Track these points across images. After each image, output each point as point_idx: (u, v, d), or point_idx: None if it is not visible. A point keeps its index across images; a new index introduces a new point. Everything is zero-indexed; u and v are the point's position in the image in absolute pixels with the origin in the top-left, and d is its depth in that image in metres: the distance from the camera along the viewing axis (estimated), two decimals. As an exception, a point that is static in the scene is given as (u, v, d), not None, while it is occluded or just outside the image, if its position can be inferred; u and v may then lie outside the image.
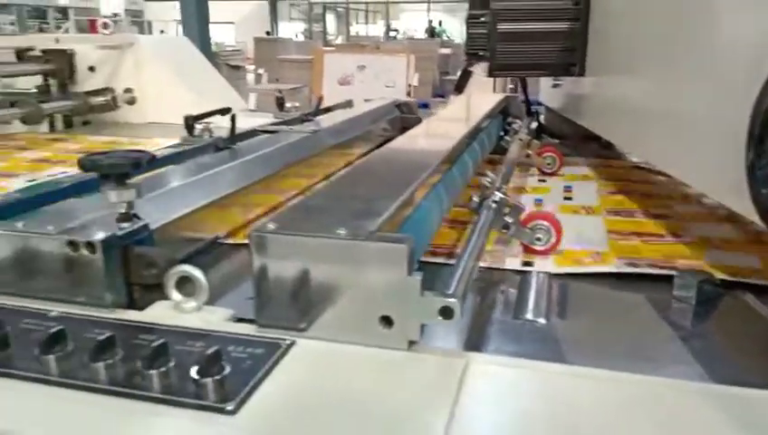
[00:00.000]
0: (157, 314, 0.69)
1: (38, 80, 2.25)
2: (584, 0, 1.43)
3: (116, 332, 0.62)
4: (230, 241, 1.01)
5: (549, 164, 1.52)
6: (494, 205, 0.92)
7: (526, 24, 1.47)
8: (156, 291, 0.74)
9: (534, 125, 1.95)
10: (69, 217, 0.75)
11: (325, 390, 0.56)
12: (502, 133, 1.73)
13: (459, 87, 6.39)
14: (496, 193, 0.94)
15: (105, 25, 2.32)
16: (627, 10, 1.24)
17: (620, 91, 1.26)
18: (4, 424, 0.53)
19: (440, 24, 19.01)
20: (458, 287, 0.62)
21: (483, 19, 1.49)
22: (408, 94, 7.33)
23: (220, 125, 1.32)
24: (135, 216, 0.76)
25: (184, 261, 0.87)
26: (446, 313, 0.59)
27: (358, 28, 21.05)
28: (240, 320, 0.70)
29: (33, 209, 0.88)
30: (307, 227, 0.64)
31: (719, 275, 0.86)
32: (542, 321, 0.78)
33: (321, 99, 1.72)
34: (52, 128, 2.14)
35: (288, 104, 1.68)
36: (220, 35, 16.33)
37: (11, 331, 0.62)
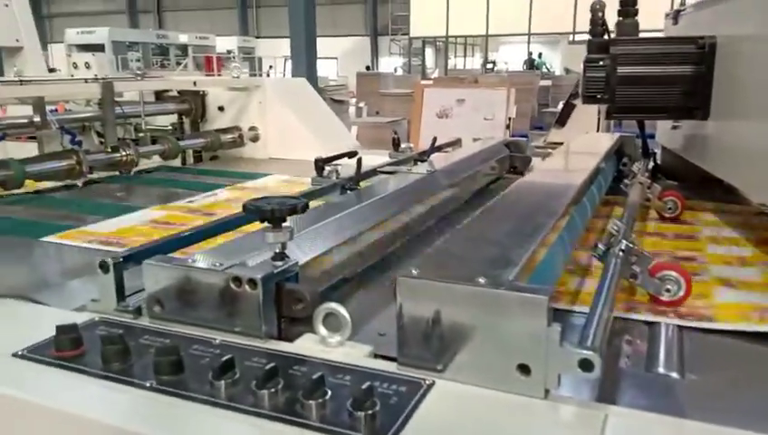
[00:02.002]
0: (305, 346, 0.76)
1: (173, 117, 2.48)
2: (709, 44, 1.40)
3: (275, 361, 0.69)
4: (357, 275, 1.08)
5: (670, 208, 1.48)
6: (621, 253, 0.92)
7: (647, 67, 1.47)
8: (300, 323, 0.81)
9: (651, 166, 1.91)
10: (232, 255, 0.83)
11: (468, 432, 0.59)
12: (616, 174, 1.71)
13: (561, 120, 6.26)
14: (623, 241, 0.95)
15: (226, 62, 2.51)
16: (762, 54, 1.20)
17: (753, 135, 1.23)
18: (182, 440, 0.60)
19: (540, 55, 18.83)
20: (596, 339, 0.64)
21: (602, 63, 1.49)
22: (508, 127, 7.30)
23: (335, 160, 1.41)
24: (285, 255, 0.84)
25: (323, 294, 0.94)
26: (586, 365, 0.61)
27: (456, 61, 21.27)
28: (377, 355, 0.75)
29: (194, 242, 1.00)
30: (448, 273, 0.69)
31: None
32: (674, 375, 0.77)
33: (435, 139, 1.78)
34: (184, 162, 2.35)
35: (403, 145, 1.75)
36: (323, 69, 17.07)
37: (184, 356, 0.71)
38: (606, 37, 1.55)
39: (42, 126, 1.84)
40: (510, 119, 7.35)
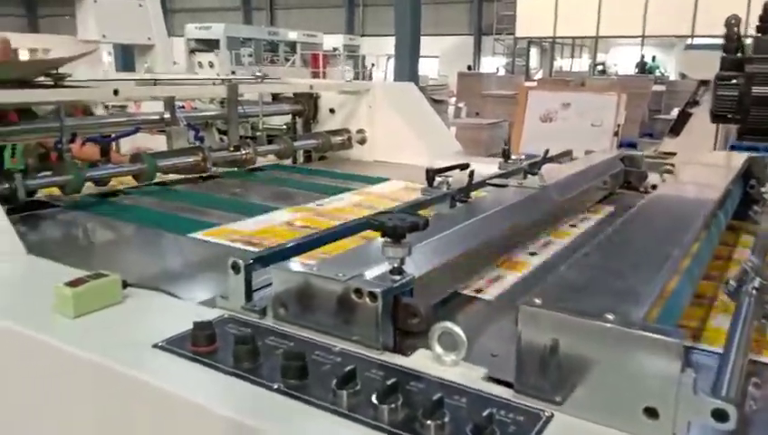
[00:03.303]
0: (421, 362, 0.77)
1: (287, 117, 2.59)
2: None
3: (393, 376, 0.71)
4: (469, 293, 1.08)
5: (805, 240, 1.36)
6: (754, 292, 0.87)
7: (788, 87, 1.36)
8: (413, 336, 0.83)
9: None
10: (352, 265, 0.87)
11: (589, 470, 0.58)
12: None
13: (675, 129, 5.93)
14: (757, 279, 0.89)
15: (331, 59, 2.56)
16: None
17: None
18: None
19: (653, 59, 17.87)
20: (731, 388, 0.61)
21: (735, 81, 1.41)
22: (616, 134, 7.00)
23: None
24: (403, 269, 0.86)
25: (435, 307, 0.96)
26: (720, 416, 0.58)
27: (561, 63, 20.63)
28: (491, 378, 0.76)
29: (318, 246, 1.05)
30: (572, 305, 0.68)
31: None
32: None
33: (546, 151, 1.75)
34: (295, 161, 2.44)
35: (514, 156, 1.73)
36: (424, 68, 17.11)
37: (308, 361, 0.74)
38: (740, 54, 1.46)
39: (171, 122, 1.98)
40: (619, 126, 7.05)
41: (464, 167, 1.42)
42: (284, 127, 2.62)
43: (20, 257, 1.12)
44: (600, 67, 17.12)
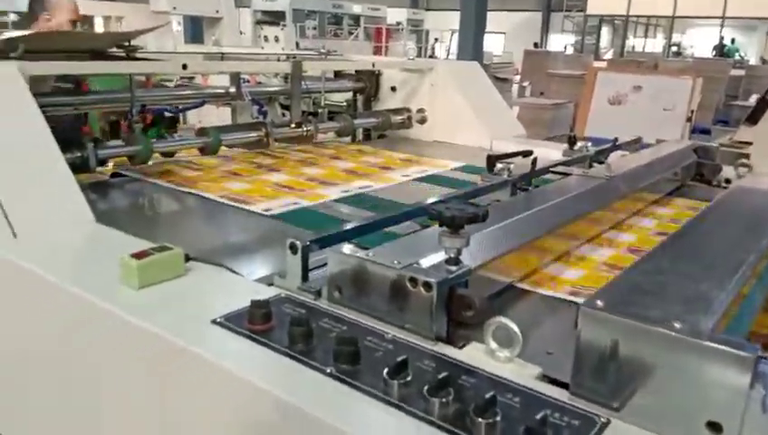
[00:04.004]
0: (474, 355, 0.76)
1: (348, 94, 2.58)
2: None
3: (444, 368, 0.70)
4: (524, 286, 1.06)
5: None
6: (836, 304, 0.81)
7: None
8: (466, 327, 0.81)
9: None
10: (408, 252, 0.86)
11: (645, 482, 0.56)
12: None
13: (754, 117, 5.64)
14: (840, 290, 0.83)
15: (394, 33, 2.53)
16: None
17: None
18: (352, 429, 0.64)
19: (732, 41, 16.87)
20: (806, 410, 0.57)
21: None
22: (689, 120, 6.69)
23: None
24: (459, 260, 0.84)
25: (490, 298, 0.94)
26: (792, 438, 0.55)
27: (634, 42, 19.74)
28: (545, 376, 0.74)
29: (375, 230, 1.05)
30: (636, 310, 0.65)
31: None
32: None
33: (615, 139, 1.68)
34: (354, 138, 2.44)
35: (579, 143, 1.67)
36: (489, 44, 16.72)
37: (360, 347, 0.75)
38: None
39: (236, 96, 2.01)
40: (692, 111, 6.73)
41: (526, 154, 1.38)
42: (345, 104, 2.62)
43: (88, 226, 1.17)
44: (674, 48, 16.30)
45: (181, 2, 2.92)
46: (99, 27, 4.48)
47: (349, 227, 1.02)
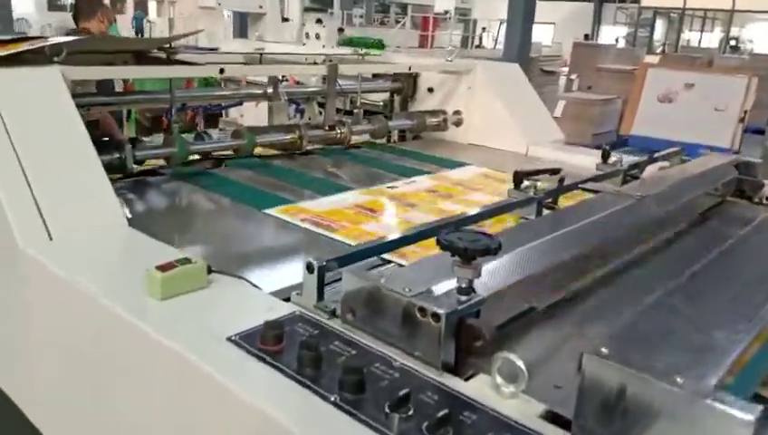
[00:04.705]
0: (478, 389, 0.77)
1: (385, 95, 2.59)
2: None
3: (447, 402, 0.71)
4: (543, 311, 1.05)
5: None
6: None
7: None
8: (476, 355, 0.82)
9: None
10: (423, 276, 0.87)
11: None
12: None
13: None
14: None
15: (441, 22, 2.51)
16: None
17: None
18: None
19: (799, 36, 16.08)
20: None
21: None
22: (742, 121, 6.47)
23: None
24: (472, 289, 0.85)
25: (502, 326, 0.94)
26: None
27: (689, 36, 19.03)
28: (549, 412, 0.74)
29: (392, 249, 1.06)
30: (641, 358, 0.64)
31: None
32: None
33: (651, 154, 1.64)
34: (389, 139, 2.45)
35: (613, 157, 1.64)
36: (538, 35, 16.38)
37: (366, 374, 0.76)
38: None
39: (273, 97, 2.04)
40: (746, 111, 6.49)
41: (554, 171, 1.36)
42: (382, 103, 2.62)
43: (121, 230, 1.21)
44: (732, 42, 15.64)
45: (227, -3, 2.97)
46: (152, 11, 4.59)
47: (365, 247, 1.03)
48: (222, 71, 1.64)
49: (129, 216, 1.24)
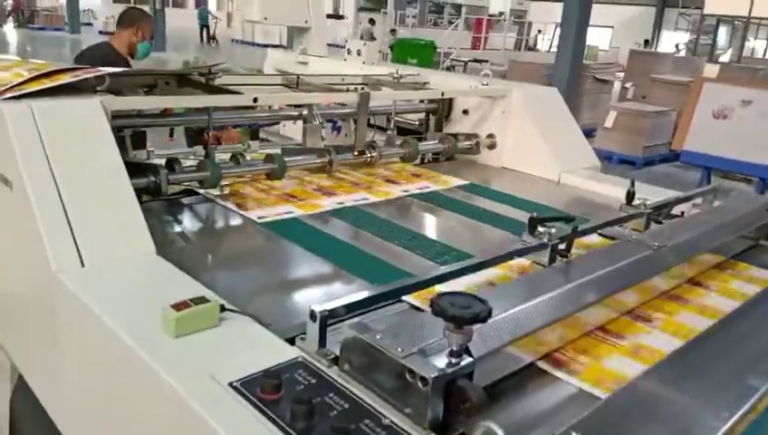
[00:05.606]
0: (461, 455, 0.79)
1: (421, 114, 2.62)
2: None
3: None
4: (543, 365, 1.06)
5: None
6: None
7: None
8: (465, 416, 0.85)
9: None
10: (419, 332, 0.90)
11: None
12: None
13: None
14: None
15: (495, 24, 2.52)
16: None
17: None
18: None
19: None
20: None
21: None
22: (798, 141, 6.22)
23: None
24: (466, 350, 0.87)
25: (498, 383, 0.97)
26: None
27: (754, 45, 18.25)
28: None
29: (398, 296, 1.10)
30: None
31: None
32: None
33: (681, 195, 1.62)
34: (422, 160, 2.48)
35: (637, 200, 1.62)
36: (595, 39, 16.02)
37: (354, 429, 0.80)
38: None
39: (308, 119, 2.10)
40: (801, 133, 6.23)
41: (569, 219, 1.36)
42: (417, 122, 2.65)
43: (149, 259, 1.28)
44: (803, 53, 14.90)
45: (273, 12, 3.05)
46: (211, 5, 4.70)
47: (365, 296, 1.06)
48: (255, 99, 1.70)
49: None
